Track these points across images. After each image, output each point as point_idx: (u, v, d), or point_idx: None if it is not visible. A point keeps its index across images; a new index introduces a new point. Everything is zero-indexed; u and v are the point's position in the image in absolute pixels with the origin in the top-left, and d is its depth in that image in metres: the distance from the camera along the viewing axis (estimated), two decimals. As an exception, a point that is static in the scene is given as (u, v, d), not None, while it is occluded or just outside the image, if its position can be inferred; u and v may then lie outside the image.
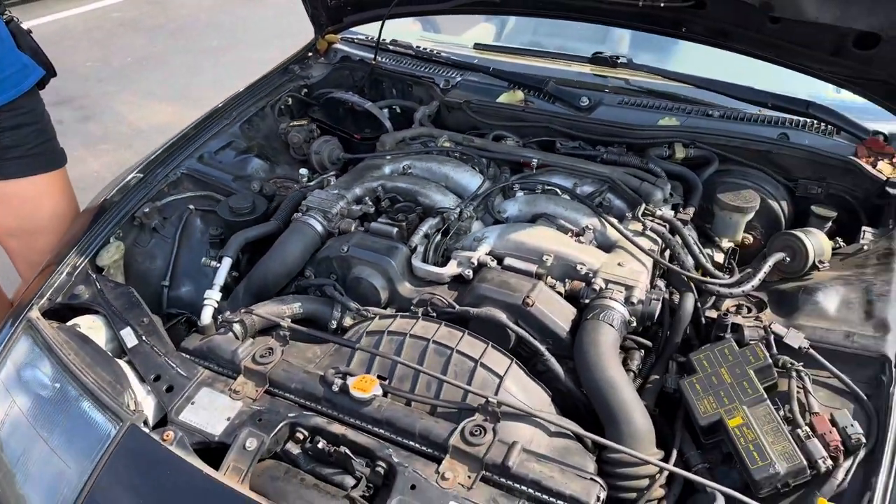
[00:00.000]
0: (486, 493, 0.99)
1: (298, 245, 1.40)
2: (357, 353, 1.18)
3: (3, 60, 1.51)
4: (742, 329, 1.15)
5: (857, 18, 1.33)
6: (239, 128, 1.78)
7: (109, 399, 1.15)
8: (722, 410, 1.05)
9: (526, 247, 1.30)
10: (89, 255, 1.44)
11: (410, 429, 1.07)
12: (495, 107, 1.72)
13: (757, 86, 1.60)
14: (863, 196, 1.46)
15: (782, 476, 0.98)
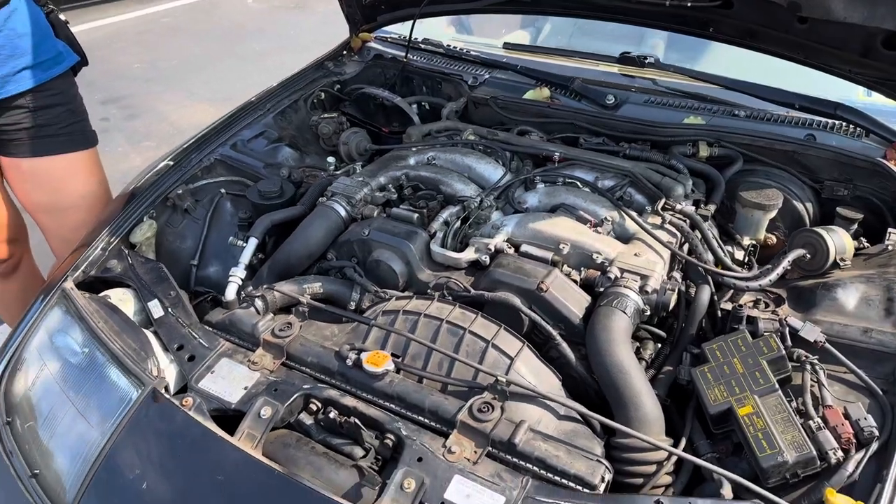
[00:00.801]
0: (491, 468, 1.01)
1: (322, 228, 1.44)
2: (372, 331, 1.21)
3: (40, 46, 1.59)
4: (757, 321, 1.14)
5: (885, 18, 1.31)
6: (272, 119, 1.84)
7: (134, 365, 1.19)
8: (732, 399, 1.05)
9: (543, 235, 1.31)
10: (123, 233, 1.50)
11: (420, 404, 1.09)
12: (521, 103, 1.74)
13: (785, 87, 1.59)
14: (891, 199, 1.44)
15: (791, 465, 0.96)
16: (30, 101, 1.62)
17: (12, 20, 1.51)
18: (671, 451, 1.02)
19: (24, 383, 1.29)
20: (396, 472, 1.00)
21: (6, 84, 1.55)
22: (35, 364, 1.31)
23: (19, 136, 1.64)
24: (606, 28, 2.12)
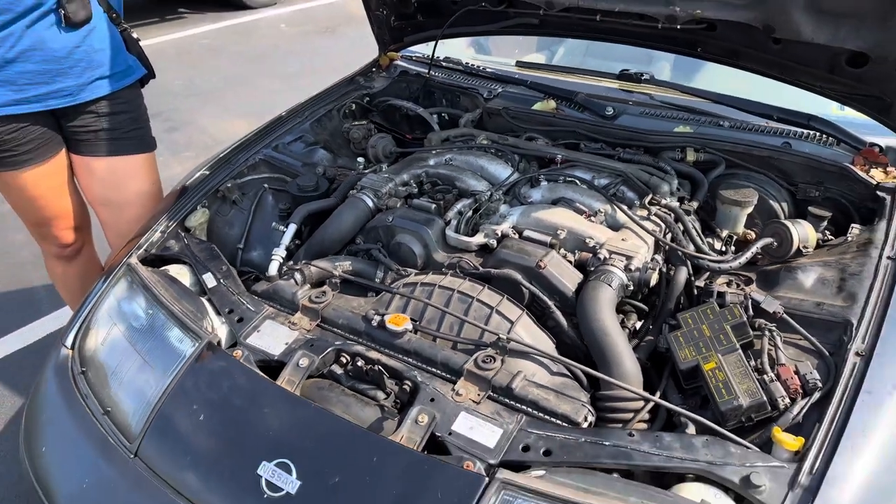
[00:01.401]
0: (491, 407, 1.20)
1: (351, 216, 1.65)
2: (394, 299, 1.41)
3: (114, 59, 1.83)
4: (725, 295, 1.32)
5: (846, 39, 1.51)
6: (309, 125, 2.07)
7: (191, 323, 1.41)
8: (699, 357, 1.23)
9: (543, 223, 1.52)
10: (179, 219, 1.73)
11: (433, 357, 1.29)
12: (530, 113, 1.95)
13: (767, 101, 1.78)
14: (857, 199, 1.62)
15: (745, 409, 1.14)
16: (100, 107, 1.85)
17: (91, 36, 1.76)
18: (646, 396, 1.20)
19: (95, 341, 1.51)
20: (412, 409, 1.19)
21: (82, 91, 1.79)
22: (105, 325, 1.53)
23: (89, 137, 1.87)
24: (616, 50, 2.33)
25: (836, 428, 1.07)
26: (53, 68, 1.71)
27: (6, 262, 3.05)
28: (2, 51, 1.63)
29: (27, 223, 1.98)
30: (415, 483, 1.09)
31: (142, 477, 1.23)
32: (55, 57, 1.71)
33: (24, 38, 1.64)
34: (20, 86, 1.69)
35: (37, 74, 1.70)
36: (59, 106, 1.77)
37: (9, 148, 1.75)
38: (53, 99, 1.75)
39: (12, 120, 1.72)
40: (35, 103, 1.73)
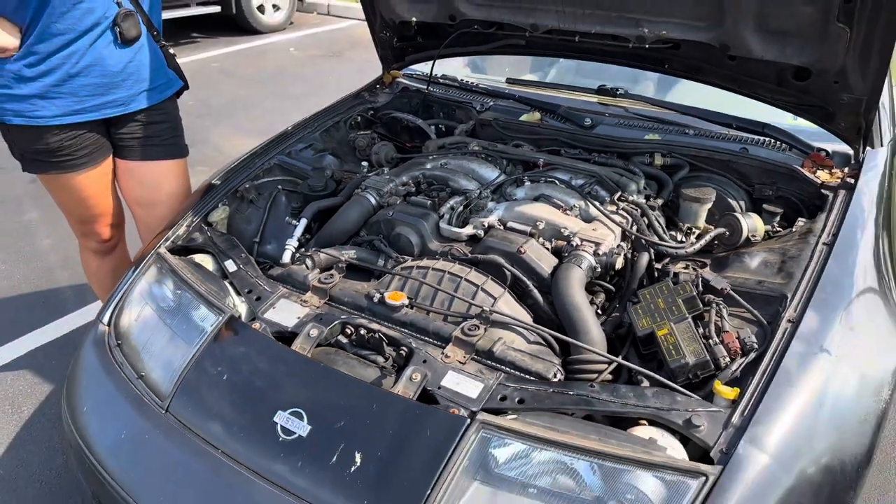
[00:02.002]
0: (475, 367, 1.39)
1: (356, 212, 1.86)
2: (393, 280, 1.62)
3: (158, 73, 2.06)
4: (678, 275, 1.52)
5: (791, 56, 1.73)
6: (318, 135, 2.29)
7: (215, 301, 1.61)
8: (654, 325, 1.42)
9: (525, 216, 1.72)
10: (202, 215, 1.94)
11: (426, 327, 1.48)
12: (517, 123, 2.17)
13: (728, 112, 2.00)
14: (805, 197, 1.82)
15: (691, 367, 1.33)
16: (144, 117, 2.07)
17: (140, 53, 1.98)
18: (609, 357, 1.40)
19: (129, 318, 1.71)
20: (407, 369, 1.38)
21: (132, 102, 2.01)
22: (138, 305, 1.73)
23: (132, 143, 2.09)
24: (605, 70, 2.54)
25: (766, 380, 1.25)
26: (109, 81, 1.94)
27: (35, 266, 3.27)
28: (67, 66, 1.86)
29: (72, 221, 2.19)
30: (408, 425, 1.28)
31: (172, 428, 1.43)
32: (111, 71, 1.93)
33: (86, 55, 1.87)
34: (81, 97, 1.91)
35: (95, 87, 1.92)
36: (112, 115, 1.99)
37: (69, 153, 1.97)
38: (108, 108, 1.98)
39: (74, 128, 1.94)
40: (93, 112, 1.95)
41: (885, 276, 1.55)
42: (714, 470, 1.14)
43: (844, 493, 1.22)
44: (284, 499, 1.25)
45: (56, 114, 1.89)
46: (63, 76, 1.86)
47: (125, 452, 1.45)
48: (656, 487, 1.15)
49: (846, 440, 1.25)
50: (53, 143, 1.93)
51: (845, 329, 1.36)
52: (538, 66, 2.90)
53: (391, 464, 1.24)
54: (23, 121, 1.88)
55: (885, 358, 1.38)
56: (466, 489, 1.22)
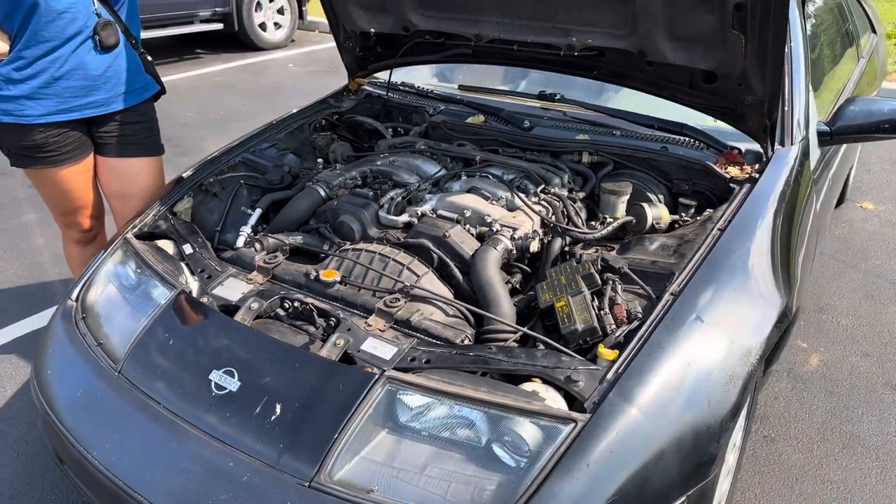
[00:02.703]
0: (393, 334, 1.55)
1: (306, 202, 2.04)
2: (331, 261, 1.78)
3: (135, 77, 2.26)
4: (582, 256, 1.68)
5: (698, 61, 1.90)
6: (283, 135, 2.47)
7: (170, 278, 1.78)
8: (554, 299, 1.58)
9: (454, 205, 1.89)
10: (168, 205, 2.12)
11: (355, 301, 1.65)
12: (462, 125, 2.35)
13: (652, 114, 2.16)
14: (718, 191, 1.97)
15: (580, 332, 1.48)
16: (122, 117, 2.27)
17: (119, 59, 2.18)
18: (514, 327, 1.55)
19: (94, 295, 1.89)
20: (333, 335, 1.55)
21: (111, 103, 2.21)
22: (103, 283, 1.91)
23: (110, 141, 2.29)
24: (574, 83, 2.69)
25: (641, 343, 1.40)
26: (90, 84, 2.14)
27: (29, 261, 3.47)
28: (52, 70, 2.07)
29: (56, 213, 2.39)
30: (326, 381, 1.44)
31: (123, 388, 1.59)
32: (92, 75, 2.14)
33: (69, 60, 2.08)
34: (65, 98, 2.12)
35: (78, 89, 2.13)
36: (92, 115, 2.19)
37: (53, 149, 2.17)
38: (89, 109, 2.18)
39: (58, 126, 2.15)
40: (75, 112, 2.15)
41: (775, 260, 1.70)
42: (584, 418, 1.29)
43: (708, 443, 1.36)
44: (213, 445, 1.41)
45: (42, 113, 2.09)
46: (48, 79, 2.07)
47: (80, 409, 1.62)
48: (532, 432, 1.30)
49: (711, 397, 1.39)
50: (39, 140, 2.13)
51: (721, 301, 1.51)
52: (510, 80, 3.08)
53: (306, 413, 1.40)
54: (11, 119, 2.09)
55: (756, 328, 1.52)
56: (374, 437, 1.37)
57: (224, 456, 1.39)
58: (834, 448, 2.24)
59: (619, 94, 2.53)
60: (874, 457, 2.20)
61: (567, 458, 1.25)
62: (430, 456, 1.34)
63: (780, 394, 2.48)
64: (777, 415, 2.38)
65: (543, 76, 2.84)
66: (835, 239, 3.59)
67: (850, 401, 2.44)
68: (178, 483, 1.39)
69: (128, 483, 1.42)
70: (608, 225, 1.82)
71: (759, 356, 1.48)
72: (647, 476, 1.28)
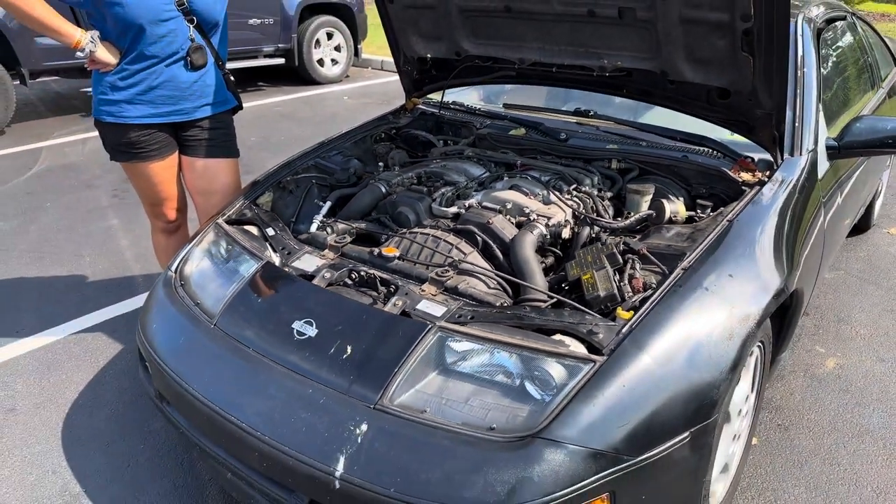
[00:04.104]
0: (443, 298, 1.84)
1: (369, 196, 2.37)
2: (392, 241, 2.10)
3: (217, 93, 2.65)
4: (606, 239, 1.96)
5: (713, 79, 2.18)
6: (349, 145, 2.83)
7: (256, 252, 2.12)
8: (581, 273, 1.85)
9: (497, 199, 2.20)
10: (252, 199, 2.49)
11: (411, 273, 1.95)
12: (506, 137, 2.67)
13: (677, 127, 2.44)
14: (732, 194, 2.22)
15: (602, 298, 1.75)
16: (205, 124, 2.66)
17: (206, 75, 2.59)
18: (547, 294, 1.83)
19: (191, 267, 2.24)
20: (392, 297, 1.85)
21: (195, 112, 2.61)
22: (198, 258, 2.26)
23: (194, 144, 2.68)
24: (609, 102, 2.99)
25: (653, 306, 1.66)
26: (178, 94, 2.54)
27: (116, 259, 3.90)
28: (149, 80, 2.48)
29: (146, 203, 2.78)
30: (388, 330, 1.74)
31: (219, 336, 1.92)
32: (181, 87, 2.54)
33: (163, 73, 2.49)
34: (157, 105, 2.52)
35: (168, 98, 2.53)
36: (178, 120, 2.59)
37: (144, 146, 2.57)
38: (176, 115, 2.58)
39: (149, 127, 2.55)
40: (164, 117, 2.56)
41: (780, 246, 1.94)
42: (601, 359, 1.56)
43: (709, 389, 1.60)
44: (295, 377, 1.72)
45: (137, 115, 2.51)
46: (145, 88, 2.48)
47: (183, 353, 1.94)
48: (558, 370, 1.57)
49: (714, 350, 1.63)
50: (133, 138, 2.54)
51: (724, 275, 1.76)
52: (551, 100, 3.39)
53: (372, 354, 1.69)
54: (113, 119, 2.51)
55: (755, 298, 1.77)
56: (427, 375, 1.66)
57: (304, 385, 1.69)
58: (843, 437, 2.41)
59: (648, 112, 2.83)
60: (881, 445, 2.37)
61: (586, 390, 1.51)
62: (472, 391, 1.61)
63: (795, 390, 2.67)
64: (791, 407, 2.57)
65: (581, 96, 3.18)
66: (859, 259, 3.75)
67: (862, 398, 2.61)
68: (265, 406, 1.69)
69: (223, 408, 1.73)
70: (631, 217, 2.09)
71: (756, 321, 1.72)
72: (656, 410, 1.53)
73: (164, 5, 2.42)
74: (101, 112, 2.54)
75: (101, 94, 2.52)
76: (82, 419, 2.56)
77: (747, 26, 1.98)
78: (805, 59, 2.57)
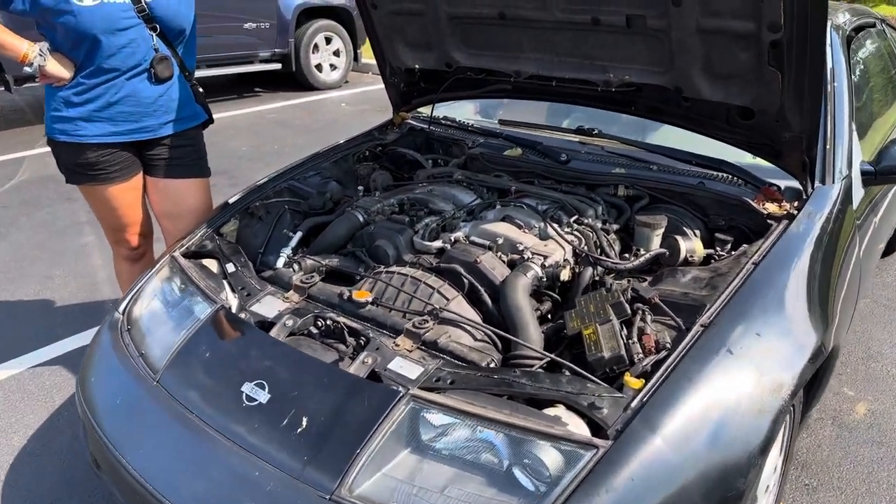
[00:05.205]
0: (420, 354, 1.57)
1: (344, 226, 2.10)
2: (364, 282, 1.83)
3: (185, 107, 2.40)
4: (612, 285, 1.68)
5: (735, 97, 1.91)
6: (328, 164, 2.57)
7: (211, 294, 1.86)
8: (582, 326, 1.58)
9: (487, 232, 1.92)
10: (216, 227, 2.22)
11: (385, 322, 1.68)
12: (500, 157, 2.40)
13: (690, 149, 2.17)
14: (755, 227, 1.95)
15: (606, 360, 1.47)
16: (170, 141, 2.41)
17: (171, 89, 2.33)
18: (540, 353, 1.56)
19: (140, 308, 1.98)
20: (362, 353, 1.58)
21: (160, 129, 2.35)
22: (149, 297, 2.00)
23: (159, 163, 2.42)
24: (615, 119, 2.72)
25: (668, 373, 1.39)
26: (142, 110, 2.29)
27: (86, 281, 3.65)
28: (108, 96, 2.22)
29: (106, 229, 2.52)
30: (351, 397, 1.47)
31: (160, 396, 1.65)
32: (144, 103, 2.29)
33: (124, 87, 2.24)
34: (117, 122, 2.27)
35: (129, 115, 2.28)
36: (142, 138, 2.34)
37: (103, 167, 2.31)
38: (138, 133, 2.32)
39: (108, 146, 2.30)
40: (125, 136, 2.30)
41: (811, 295, 1.67)
42: (606, 444, 1.28)
43: (734, 478, 1.33)
44: (240, 454, 1.45)
45: (95, 134, 2.25)
46: (104, 104, 2.22)
47: (119, 415, 1.68)
48: (553, 456, 1.30)
49: (739, 430, 1.36)
50: (91, 159, 2.28)
51: (752, 334, 1.48)
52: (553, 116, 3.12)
53: (331, 427, 1.43)
54: (67, 138, 2.25)
55: (788, 362, 1.49)
56: (396, 454, 1.39)
57: (250, 465, 1.42)
58: (880, 501, 2.13)
59: (658, 130, 2.55)
60: (925, 512, 2.08)
61: (587, 484, 1.24)
62: (450, 477, 1.34)
63: (822, 441, 2.38)
64: (819, 462, 2.28)
65: (584, 112, 2.90)
66: (886, 286, 3.46)
67: (899, 452, 2.33)
68: (204, 490, 1.42)
69: (157, 488, 1.47)
70: (640, 256, 1.81)
71: (790, 391, 1.44)
72: (670, 507, 1.26)
73: (121, 12, 2.17)
74: (54, 130, 2.29)
75: (53, 111, 2.27)
76: (27, 473, 2.30)
77: (776, 37, 1.70)
78: (835, 71, 2.29)
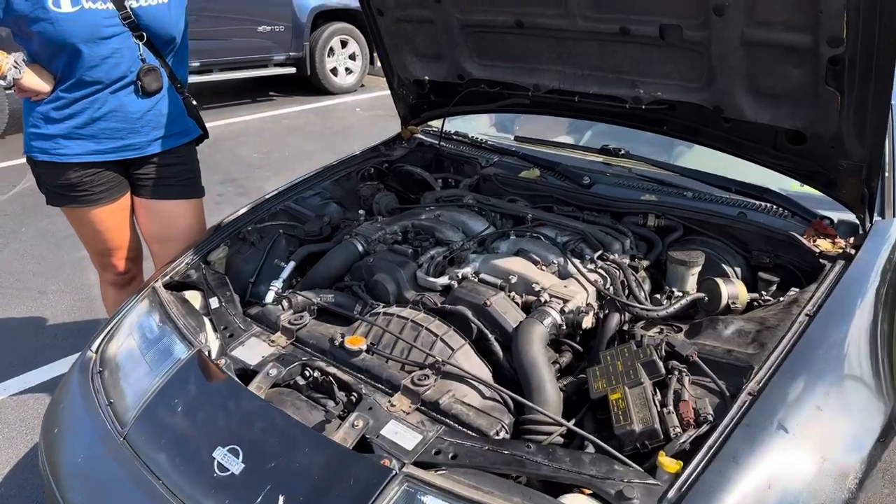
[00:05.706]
0: (418, 417, 1.36)
1: (342, 257, 1.89)
2: (360, 325, 1.62)
3: (177, 122, 2.21)
4: (643, 338, 1.45)
5: (784, 119, 1.67)
6: (329, 183, 2.37)
7: (190, 336, 1.66)
8: (608, 388, 1.36)
9: (499, 269, 1.70)
10: (203, 253, 2.03)
11: (380, 374, 1.47)
12: (515, 179, 2.18)
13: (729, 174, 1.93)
14: (805, 266, 1.71)
15: (637, 435, 1.25)
16: (160, 159, 2.22)
17: (160, 103, 2.14)
18: (558, 420, 1.34)
19: (115, 347, 1.79)
20: (352, 414, 1.37)
21: (149, 146, 2.16)
22: (124, 335, 1.81)
23: (147, 183, 2.23)
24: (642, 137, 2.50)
25: (711, 455, 1.16)
26: (128, 127, 2.10)
27: (82, 296, 3.49)
28: (90, 111, 2.04)
29: (92, 253, 2.34)
30: (335, 471, 1.26)
31: (125, 457, 1.46)
32: (131, 118, 2.10)
33: (108, 101, 2.05)
34: (100, 140, 2.08)
35: (115, 131, 2.09)
36: (128, 157, 2.15)
37: (87, 188, 2.13)
38: (125, 151, 2.13)
39: (92, 166, 2.11)
40: (111, 154, 2.12)
41: (877, 356, 1.43)
42: (636, 547, 1.06)
43: (794, 589, 1.10)
44: (207, 536, 1.25)
45: (77, 152, 2.06)
46: (86, 119, 2.04)
47: (79, 477, 1.49)
48: (572, 560, 1.08)
49: (798, 529, 1.13)
50: (74, 179, 2.10)
51: (811, 408, 1.25)
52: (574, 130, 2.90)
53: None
54: (47, 157, 2.06)
55: (854, 443, 1.25)
56: (386, 543, 1.18)
57: (216, 551, 1.22)
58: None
59: (691, 149, 2.32)
60: None
61: None
62: (448, 576, 1.13)
63: None
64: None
65: (608, 129, 2.66)
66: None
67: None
68: (164, 578, 1.22)
69: (113, 570, 1.27)
70: (676, 301, 1.59)
71: (858, 480, 1.20)
72: None
73: (104, 19, 1.98)
74: (32, 148, 2.11)
75: (32, 128, 2.09)
76: (-2, 515, 2.12)
77: (836, 53, 1.47)
78: None
